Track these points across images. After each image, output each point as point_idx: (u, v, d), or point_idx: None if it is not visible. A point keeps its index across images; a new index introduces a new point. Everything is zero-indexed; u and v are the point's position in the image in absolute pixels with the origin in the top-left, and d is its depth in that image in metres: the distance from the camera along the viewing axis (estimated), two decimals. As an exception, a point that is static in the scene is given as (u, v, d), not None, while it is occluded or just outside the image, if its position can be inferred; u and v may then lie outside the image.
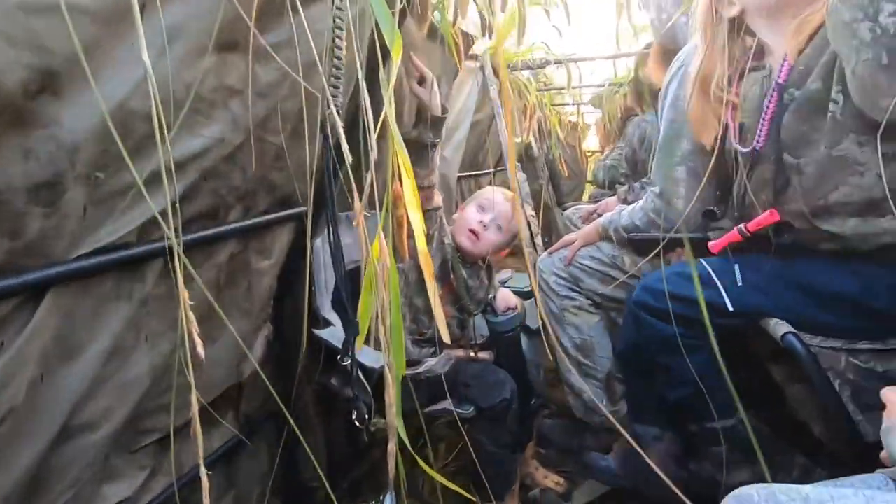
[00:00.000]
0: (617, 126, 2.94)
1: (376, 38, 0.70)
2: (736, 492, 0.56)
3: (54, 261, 0.58)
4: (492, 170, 3.06)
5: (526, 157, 2.80)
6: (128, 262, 0.68)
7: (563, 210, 2.81)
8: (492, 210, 1.30)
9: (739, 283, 1.01)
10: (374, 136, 0.68)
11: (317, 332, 1.26)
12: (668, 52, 1.53)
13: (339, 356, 0.97)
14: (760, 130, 0.95)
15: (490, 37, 1.32)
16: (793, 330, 0.91)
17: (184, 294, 0.55)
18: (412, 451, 0.84)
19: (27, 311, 0.57)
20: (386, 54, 0.71)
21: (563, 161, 3.20)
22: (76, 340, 0.65)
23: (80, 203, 0.58)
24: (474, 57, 1.62)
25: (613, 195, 2.51)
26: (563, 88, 2.70)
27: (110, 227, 0.63)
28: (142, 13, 0.54)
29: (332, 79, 0.72)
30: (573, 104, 3.36)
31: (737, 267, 1.03)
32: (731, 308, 0.99)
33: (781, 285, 0.97)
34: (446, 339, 0.79)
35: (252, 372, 1.12)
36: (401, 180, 0.76)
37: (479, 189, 2.96)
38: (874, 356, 0.88)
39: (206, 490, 0.58)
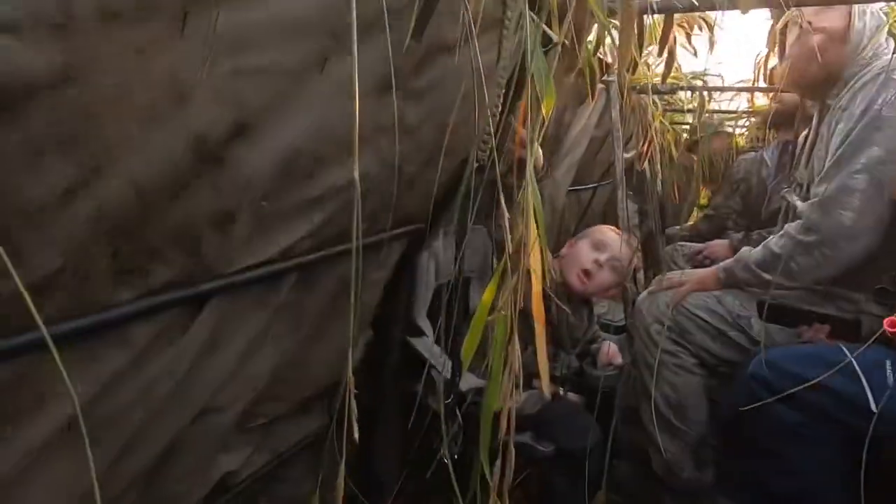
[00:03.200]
0: (720, 167, 2.71)
1: (529, 89, 0.69)
2: None
3: (217, 274, 0.65)
4: (595, 184, 2.95)
5: (634, 178, 2.66)
6: (271, 276, 0.75)
7: (667, 239, 2.65)
8: (606, 249, 1.25)
9: (890, 384, 0.89)
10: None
11: (410, 339, 1.31)
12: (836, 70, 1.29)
13: (448, 394, 1.01)
14: None
15: (630, 67, 1.26)
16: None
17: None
18: (488, 477, 0.85)
19: (191, 316, 0.65)
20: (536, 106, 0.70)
21: (674, 185, 3.00)
22: (222, 340, 0.73)
23: (246, 227, 0.64)
24: (604, 81, 1.55)
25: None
26: (690, 111, 2.52)
27: (262, 247, 0.70)
28: (322, 68, 0.59)
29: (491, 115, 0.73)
30: (697, 124, 3.13)
31: (889, 364, 0.91)
32: (874, 409, 0.88)
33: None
34: (547, 391, 0.78)
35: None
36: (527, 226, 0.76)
37: (579, 206, 2.87)
38: None
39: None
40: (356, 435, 0.45)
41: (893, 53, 1.13)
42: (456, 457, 1.07)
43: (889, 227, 1.07)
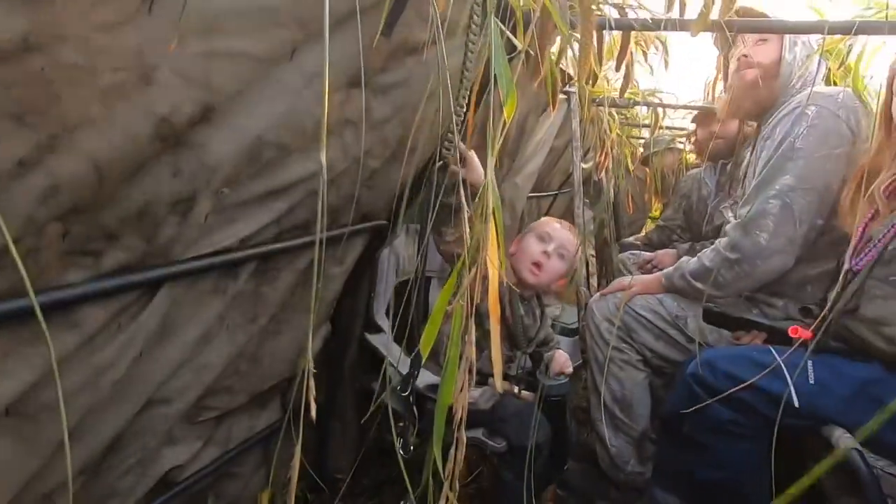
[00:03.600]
0: (671, 181, 2.88)
1: (491, 91, 0.72)
2: None
3: (173, 260, 0.64)
4: (555, 192, 3.05)
5: (592, 188, 2.76)
6: (229, 263, 0.74)
7: (621, 247, 2.76)
8: (552, 240, 1.30)
9: (811, 382, 0.98)
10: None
11: (368, 336, 1.31)
12: (767, 101, 1.42)
13: (399, 388, 1.02)
14: (867, 251, 0.94)
15: (590, 79, 1.33)
16: (858, 447, 0.87)
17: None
18: (440, 470, 0.87)
19: (145, 301, 0.64)
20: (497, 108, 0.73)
21: (629, 196, 3.13)
22: (175, 327, 0.72)
23: (204, 213, 0.64)
24: (565, 91, 1.62)
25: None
26: (645, 126, 2.64)
27: (222, 234, 0.69)
28: (291, 57, 0.59)
29: (456, 115, 0.76)
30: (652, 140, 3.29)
31: (811, 364, 1.00)
32: (797, 405, 0.96)
33: (859, 397, 0.93)
34: (499, 387, 0.81)
35: (305, 366, 1.19)
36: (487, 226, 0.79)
37: (539, 212, 2.95)
38: (940, 497, 0.83)
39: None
40: (313, 413, 0.46)
41: (812, 86, 1.25)
42: (412, 449, 1.08)
43: (804, 245, 1.19)
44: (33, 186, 0.43)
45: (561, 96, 1.69)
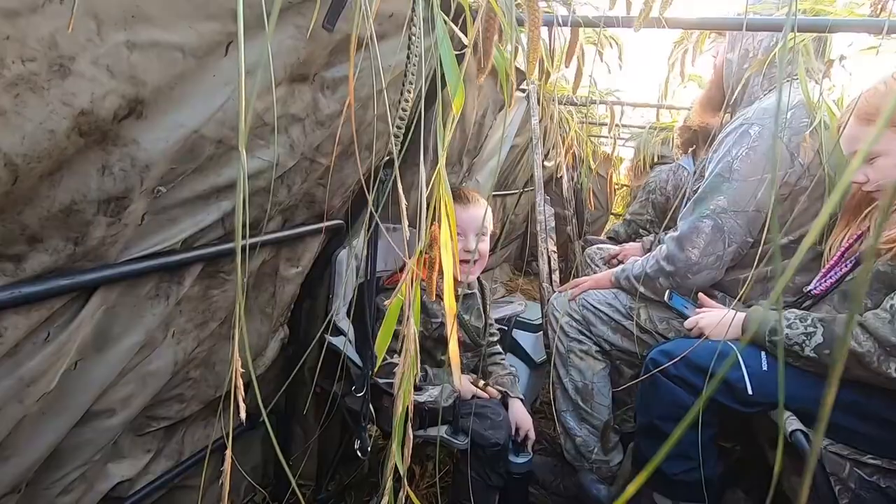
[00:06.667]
0: (644, 169, 2.95)
1: (438, 83, 0.72)
2: None
3: (107, 263, 0.61)
4: (520, 190, 3.08)
5: (554, 185, 2.81)
6: (170, 266, 0.71)
7: (586, 243, 2.81)
8: (464, 232, 1.24)
9: (764, 369, 1.02)
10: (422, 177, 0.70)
11: (329, 338, 1.29)
12: (716, 99, 1.54)
13: (353, 388, 1.00)
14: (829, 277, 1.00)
15: (543, 76, 1.34)
16: (803, 428, 0.91)
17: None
18: (401, 470, 0.86)
19: (76, 307, 0.61)
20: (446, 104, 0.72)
21: (591, 193, 3.19)
22: (113, 334, 0.69)
23: (140, 213, 0.61)
24: (522, 89, 1.63)
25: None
26: (604, 125, 2.70)
27: (161, 235, 0.66)
28: (227, 50, 0.57)
29: (398, 119, 0.75)
30: (610, 137, 3.36)
31: (764, 354, 1.03)
32: (751, 392, 1.00)
33: (805, 380, 0.97)
34: (458, 383, 0.80)
35: (262, 370, 1.16)
36: (440, 223, 0.78)
37: (503, 208, 2.96)
38: (878, 471, 0.87)
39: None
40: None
41: (763, 96, 1.30)
42: (367, 450, 1.07)
43: (733, 260, 1.27)
44: (-66, 185, 0.40)
45: (519, 94, 1.71)
